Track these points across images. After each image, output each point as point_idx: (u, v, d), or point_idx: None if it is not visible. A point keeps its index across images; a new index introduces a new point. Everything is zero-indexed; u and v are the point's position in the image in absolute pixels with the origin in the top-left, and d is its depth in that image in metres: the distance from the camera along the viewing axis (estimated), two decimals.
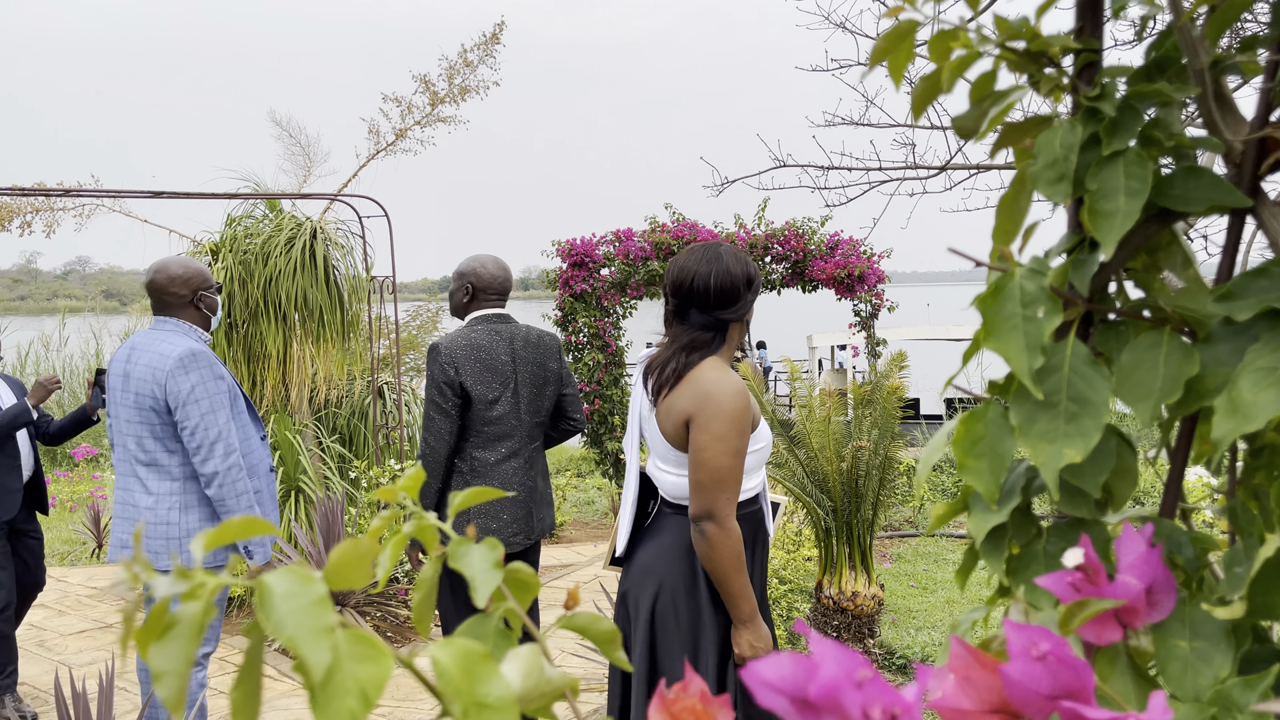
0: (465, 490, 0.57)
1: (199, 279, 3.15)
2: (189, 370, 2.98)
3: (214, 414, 3.00)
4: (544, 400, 3.24)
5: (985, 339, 0.52)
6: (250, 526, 0.41)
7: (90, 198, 6.11)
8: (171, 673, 0.36)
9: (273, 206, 6.13)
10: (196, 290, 3.14)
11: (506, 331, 3.19)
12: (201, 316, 3.18)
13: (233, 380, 3.16)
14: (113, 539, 3.13)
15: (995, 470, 0.53)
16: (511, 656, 0.46)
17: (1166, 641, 0.48)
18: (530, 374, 3.20)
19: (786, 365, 4.83)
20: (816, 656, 0.35)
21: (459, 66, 6.69)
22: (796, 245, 8.46)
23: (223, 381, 3.06)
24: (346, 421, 6.55)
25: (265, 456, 3.27)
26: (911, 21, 0.57)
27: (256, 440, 3.24)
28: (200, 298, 3.16)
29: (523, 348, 3.20)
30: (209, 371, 3.01)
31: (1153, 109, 0.54)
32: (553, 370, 3.27)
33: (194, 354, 3.01)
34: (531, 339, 3.23)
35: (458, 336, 3.12)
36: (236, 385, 3.19)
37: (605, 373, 8.44)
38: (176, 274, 3.13)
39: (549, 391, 3.26)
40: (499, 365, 3.13)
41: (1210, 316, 0.50)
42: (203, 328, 3.19)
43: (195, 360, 3.00)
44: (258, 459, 3.22)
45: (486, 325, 3.17)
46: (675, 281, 2.16)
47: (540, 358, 3.23)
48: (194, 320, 3.16)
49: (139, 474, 3.07)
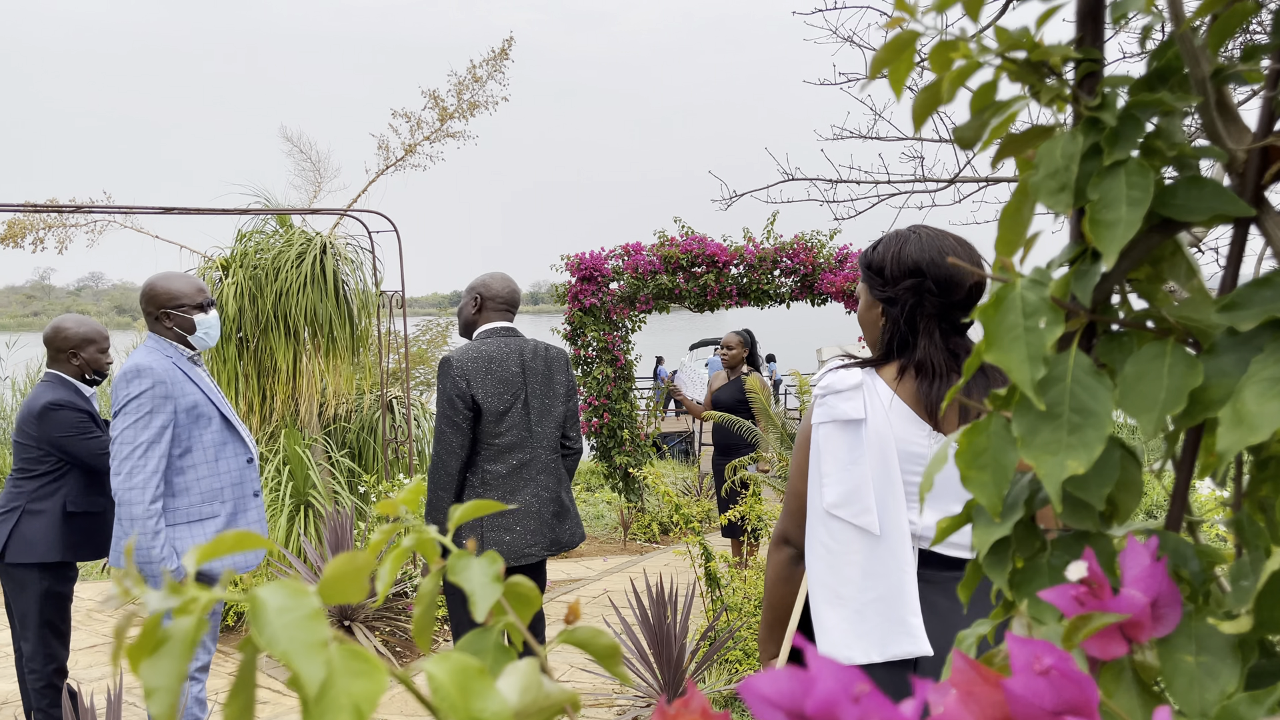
0: (466, 504, 0.57)
1: (165, 297, 3.14)
2: (129, 383, 2.97)
3: (133, 430, 2.94)
4: (555, 412, 3.24)
5: (987, 350, 0.52)
6: (243, 541, 0.41)
7: (102, 214, 6.15)
8: (163, 689, 0.36)
9: (283, 222, 6.16)
10: (161, 308, 3.13)
11: (515, 344, 3.20)
12: (175, 334, 3.16)
13: (206, 399, 3.12)
14: (113, 545, 3.14)
15: (998, 482, 0.52)
16: (509, 671, 0.46)
17: (1172, 656, 0.47)
18: (540, 385, 3.20)
19: (796, 379, 4.82)
20: (813, 671, 0.35)
21: (468, 82, 6.72)
22: (805, 259, 8.46)
23: (167, 401, 3.00)
24: (356, 436, 6.56)
25: (247, 480, 3.22)
26: (912, 32, 0.57)
27: (234, 462, 3.19)
28: (166, 315, 3.13)
29: (531, 359, 3.21)
30: (151, 392, 2.97)
31: (1154, 119, 0.53)
32: (562, 382, 3.28)
33: (140, 370, 2.98)
34: (540, 351, 3.24)
35: (468, 349, 3.14)
36: (215, 405, 3.15)
37: (614, 386, 8.44)
38: (147, 291, 3.15)
39: (559, 403, 3.27)
40: (509, 377, 3.13)
41: (1214, 327, 0.50)
42: (182, 344, 3.17)
43: (140, 376, 2.98)
44: (228, 482, 3.16)
45: (496, 338, 3.19)
46: (948, 277, 1.62)
47: (550, 369, 3.24)
48: (170, 337, 3.15)
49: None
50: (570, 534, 3.28)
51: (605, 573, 6.58)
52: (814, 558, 1.62)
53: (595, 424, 8.34)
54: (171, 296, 3.14)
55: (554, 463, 3.26)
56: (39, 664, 3.45)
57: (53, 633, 3.50)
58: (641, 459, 8.51)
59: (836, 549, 1.59)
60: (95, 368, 3.59)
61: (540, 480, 3.19)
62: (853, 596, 1.56)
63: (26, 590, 3.47)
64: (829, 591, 1.59)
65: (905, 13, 0.57)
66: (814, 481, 1.63)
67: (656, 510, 8.10)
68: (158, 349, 3.11)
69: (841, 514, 1.58)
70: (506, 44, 6.77)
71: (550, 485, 3.22)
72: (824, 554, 1.60)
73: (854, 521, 1.57)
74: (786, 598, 1.77)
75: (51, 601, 3.49)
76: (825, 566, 1.60)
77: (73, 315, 3.63)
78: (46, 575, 3.47)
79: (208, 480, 3.10)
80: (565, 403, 3.29)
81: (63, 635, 3.54)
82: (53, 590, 3.48)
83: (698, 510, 7.36)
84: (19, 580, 3.48)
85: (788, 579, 1.77)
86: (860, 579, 1.56)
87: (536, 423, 3.19)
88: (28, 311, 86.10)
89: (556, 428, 3.25)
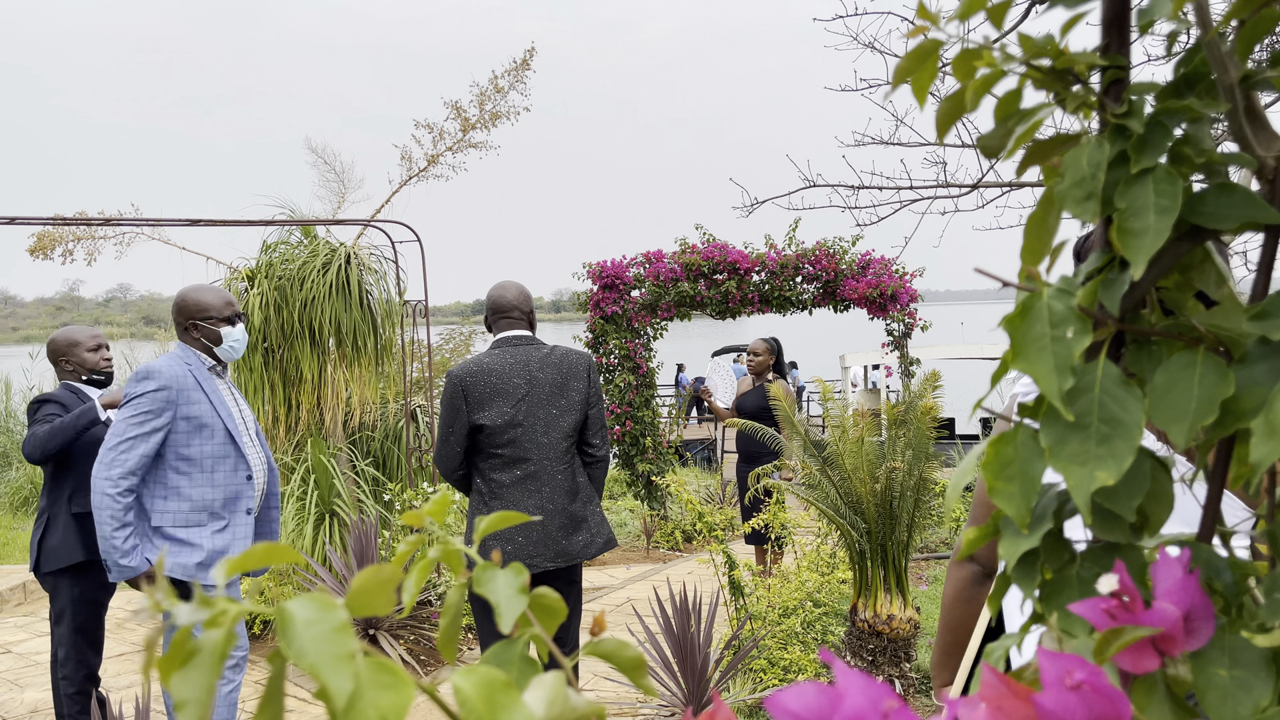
0: (490, 515, 0.57)
1: (193, 308, 3.20)
2: (137, 382, 3.04)
3: (124, 424, 3.00)
4: (566, 421, 3.22)
5: (1013, 360, 0.51)
6: (272, 554, 0.41)
7: (130, 226, 6.22)
8: (194, 700, 0.36)
9: (307, 233, 6.21)
10: (189, 318, 3.20)
11: (523, 353, 3.21)
12: (201, 344, 3.21)
13: (214, 412, 3.15)
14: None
15: (1026, 493, 0.52)
16: (535, 684, 0.46)
17: (1205, 670, 0.46)
18: (548, 395, 3.19)
19: (819, 386, 4.81)
20: (841, 686, 0.35)
21: (490, 93, 6.76)
22: (828, 265, 8.44)
23: (170, 406, 3.05)
24: (380, 445, 6.59)
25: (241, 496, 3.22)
26: (935, 41, 0.57)
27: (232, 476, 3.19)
28: (194, 326, 3.20)
29: (539, 368, 3.20)
30: (154, 394, 3.02)
31: (1182, 125, 0.53)
32: (577, 390, 3.25)
33: (149, 372, 3.06)
34: (554, 359, 3.23)
35: (469, 362, 3.21)
36: (224, 421, 3.17)
37: (636, 394, 8.44)
38: (179, 301, 3.22)
39: (571, 413, 3.24)
40: (509, 388, 3.15)
41: (1245, 336, 0.49)
42: (208, 355, 3.21)
43: (147, 377, 3.05)
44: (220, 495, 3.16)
45: (504, 348, 3.22)
46: None
47: (562, 378, 3.21)
48: (197, 348, 3.21)
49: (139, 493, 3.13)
50: (585, 545, 3.23)
51: (629, 581, 6.57)
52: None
53: (618, 432, 8.34)
54: (200, 308, 3.19)
55: (562, 474, 3.22)
56: (70, 670, 3.50)
57: (86, 640, 3.54)
58: (664, 467, 8.50)
59: None
60: (89, 367, 3.65)
61: (545, 492, 3.16)
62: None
63: (59, 596, 3.52)
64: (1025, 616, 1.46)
65: (928, 21, 0.56)
66: None
67: (679, 518, 8.09)
68: (179, 357, 3.16)
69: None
70: (528, 54, 6.80)
71: (557, 497, 3.18)
72: None
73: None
74: (966, 619, 1.65)
75: (84, 608, 3.53)
76: None
77: (62, 329, 3.73)
78: (78, 581, 3.51)
79: (201, 490, 3.12)
80: (581, 411, 3.25)
81: (96, 643, 3.58)
82: (85, 596, 3.52)
83: (721, 518, 7.34)
84: (52, 587, 3.53)
85: (969, 599, 1.65)
86: None
87: (543, 434, 3.17)
88: (57, 323, 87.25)
89: (565, 438, 3.22)
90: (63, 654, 3.51)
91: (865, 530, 4.15)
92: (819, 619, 4.57)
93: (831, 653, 0.37)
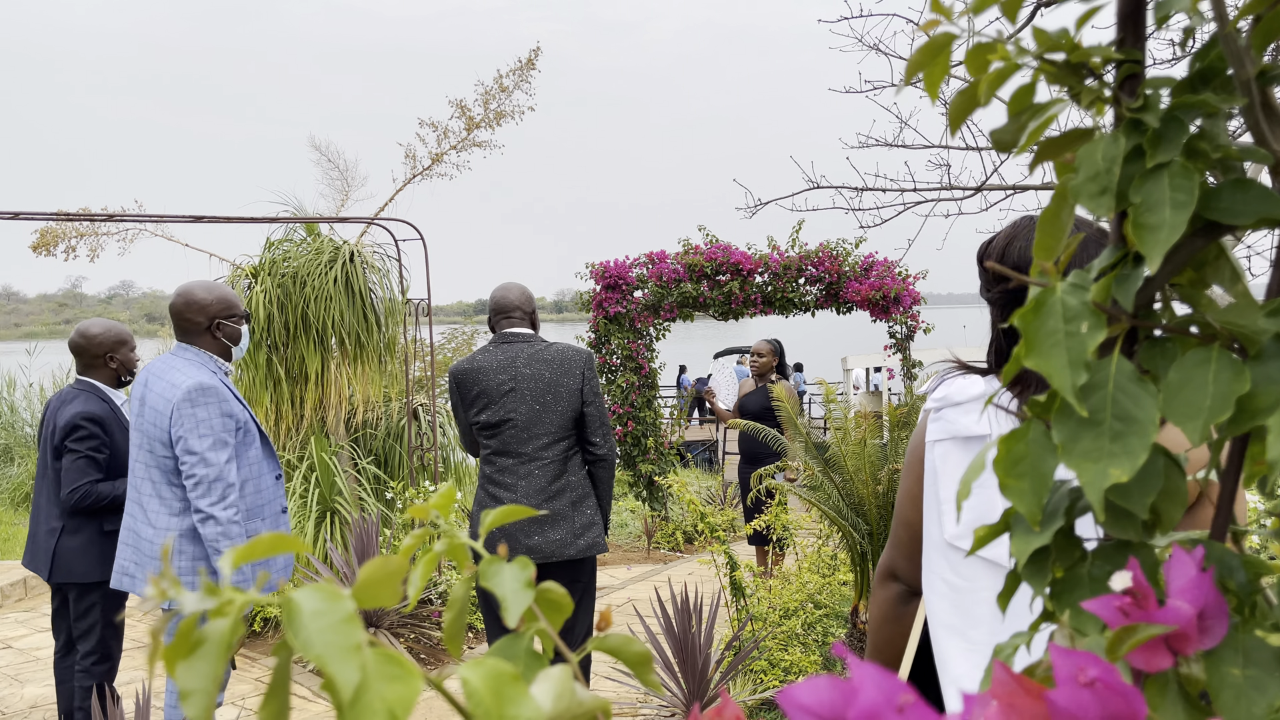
0: (499, 509, 0.56)
1: (219, 306, 3.04)
2: (195, 405, 2.87)
3: (215, 452, 2.86)
4: (554, 417, 3.21)
5: (1026, 356, 0.51)
6: (278, 544, 0.41)
7: (133, 222, 6.23)
8: (199, 691, 0.36)
9: (311, 230, 6.22)
10: (215, 318, 3.04)
11: (513, 350, 3.24)
12: (220, 346, 3.06)
13: (248, 416, 3.07)
14: (116, 565, 3.08)
15: (1038, 491, 0.52)
16: (542, 678, 0.46)
17: (1219, 669, 0.46)
18: (534, 391, 3.19)
19: (821, 387, 4.81)
20: (856, 680, 0.34)
21: (494, 92, 6.76)
22: (830, 267, 8.43)
23: (230, 420, 2.94)
24: (382, 443, 6.59)
25: (277, 497, 3.18)
26: (948, 35, 0.57)
27: (269, 479, 3.14)
28: (219, 326, 3.04)
29: (527, 364, 3.21)
30: (216, 408, 2.89)
31: (1198, 121, 0.52)
32: (568, 386, 3.23)
33: (203, 388, 2.90)
34: (545, 356, 3.23)
35: (463, 360, 3.32)
36: (253, 421, 3.09)
37: (639, 394, 8.44)
38: (196, 300, 3.02)
39: (561, 408, 3.22)
40: (492, 386, 3.21)
41: (1261, 333, 0.49)
42: (223, 357, 3.08)
43: (204, 395, 2.89)
44: (267, 498, 3.11)
45: (497, 345, 3.28)
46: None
47: (553, 374, 3.21)
48: (212, 349, 3.05)
49: (144, 504, 2.98)
50: (561, 545, 3.18)
51: (629, 581, 6.57)
52: (935, 596, 1.40)
53: (620, 432, 8.34)
54: (227, 306, 3.06)
55: (541, 470, 3.21)
56: (90, 663, 3.47)
57: (113, 634, 3.52)
58: (665, 467, 8.50)
59: (962, 585, 1.36)
60: (130, 368, 3.62)
61: (520, 486, 3.18)
62: (984, 640, 1.33)
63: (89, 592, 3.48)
64: (955, 635, 1.36)
65: (941, 15, 0.56)
66: (930, 509, 1.42)
67: (680, 519, 8.08)
68: (203, 363, 3.02)
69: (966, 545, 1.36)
70: (533, 54, 6.80)
71: (531, 493, 3.18)
72: (947, 591, 1.38)
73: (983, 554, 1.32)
74: (894, 639, 1.57)
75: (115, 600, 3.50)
76: (949, 606, 1.37)
77: (98, 320, 3.61)
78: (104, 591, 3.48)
79: (252, 497, 3.03)
80: (573, 407, 3.24)
81: (120, 637, 3.56)
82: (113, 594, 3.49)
83: (722, 519, 7.33)
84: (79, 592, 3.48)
85: (895, 619, 1.57)
86: (993, 619, 1.34)
87: (524, 430, 3.19)
88: (59, 319, 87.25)
89: (551, 435, 3.21)
90: (86, 647, 3.47)
91: (867, 532, 4.15)
92: (820, 620, 4.56)
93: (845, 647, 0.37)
